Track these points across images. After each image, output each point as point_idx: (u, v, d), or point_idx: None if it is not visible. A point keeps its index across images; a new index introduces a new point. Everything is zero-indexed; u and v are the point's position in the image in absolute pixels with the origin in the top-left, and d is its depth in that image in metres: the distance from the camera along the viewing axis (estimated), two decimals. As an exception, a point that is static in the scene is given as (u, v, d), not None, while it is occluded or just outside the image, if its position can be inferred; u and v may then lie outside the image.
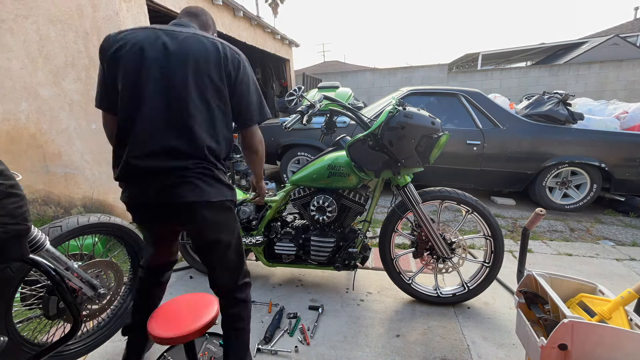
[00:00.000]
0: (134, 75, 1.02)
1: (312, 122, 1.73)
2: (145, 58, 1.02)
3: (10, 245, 0.90)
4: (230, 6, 4.67)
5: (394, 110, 1.54)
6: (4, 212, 0.85)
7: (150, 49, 1.02)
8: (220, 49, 1.09)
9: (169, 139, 1.03)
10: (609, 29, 16.99)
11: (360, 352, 1.57)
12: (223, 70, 1.08)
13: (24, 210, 0.91)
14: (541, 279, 1.22)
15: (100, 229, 1.45)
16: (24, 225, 0.91)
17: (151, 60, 1.02)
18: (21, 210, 0.90)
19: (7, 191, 0.87)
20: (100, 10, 2.65)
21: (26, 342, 1.24)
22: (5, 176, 0.88)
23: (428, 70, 9.98)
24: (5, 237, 0.87)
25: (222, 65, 1.07)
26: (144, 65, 1.01)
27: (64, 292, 1.09)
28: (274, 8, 20.22)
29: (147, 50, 1.02)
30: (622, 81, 8.99)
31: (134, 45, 1.02)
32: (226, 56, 1.09)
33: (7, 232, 0.87)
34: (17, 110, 3.09)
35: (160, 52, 1.03)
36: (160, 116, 1.03)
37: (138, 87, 1.02)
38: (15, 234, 0.89)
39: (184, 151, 1.04)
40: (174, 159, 1.03)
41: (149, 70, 1.01)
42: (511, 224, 3.18)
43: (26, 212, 0.92)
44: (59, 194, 3.31)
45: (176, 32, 1.07)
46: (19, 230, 0.90)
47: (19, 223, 0.89)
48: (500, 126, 3.42)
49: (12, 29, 2.87)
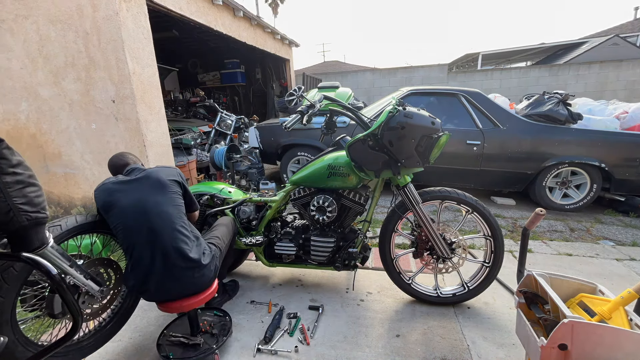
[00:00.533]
0: None
1: (312, 122, 1.73)
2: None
3: (32, 233, 0.94)
4: (230, 6, 4.67)
5: (394, 110, 1.54)
6: (26, 200, 0.89)
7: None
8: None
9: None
10: (609, 29, 16.99)
11: (360, 352, 1.57)
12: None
13: (42, 200, 0.95)
14: (541, 279, 1.22)
15: (99, 228, 1.45)
16: (44, 213, 0.95)
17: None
18: (40, 199, 0.94)
19: (28, 181, 0.91)
20: (100, 10, 2.65)
21: (29, 342, 1.24)
22: (24, 166, 0.92)
23: (428, 70, 9.98)
24: (26, 224, 0.90)
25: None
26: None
27: (64, 290, 1.09)
28: (274, 8, 20.21)
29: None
30: (622, 81, 8.99)
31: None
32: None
33: (29, 220, 0.90)
34: (17, 110, 3.09)
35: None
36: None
37: None
38: (36, 222, 0.93)
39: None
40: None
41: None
42: (511, 224, 3.18)
43: (44, 202, 0.96)
44: (59, 194, 3.31)
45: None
46: (40, 218, 0.93)
47: (39, 212, 0.93)
48: (500, 126, 3.42)
49: (12, 29, 2.87)
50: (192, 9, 3.68)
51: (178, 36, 6.23)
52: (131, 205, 1.35)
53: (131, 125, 2.89)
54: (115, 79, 2.80)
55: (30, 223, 0.90)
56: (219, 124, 5.39)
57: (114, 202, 1.35)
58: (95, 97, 2.89)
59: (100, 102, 2.89)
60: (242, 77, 8.66)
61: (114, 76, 2.79)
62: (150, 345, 1.66)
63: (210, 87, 9.06)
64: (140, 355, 1.60)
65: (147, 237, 1.33)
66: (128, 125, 2.89)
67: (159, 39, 4.44)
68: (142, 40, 2.91)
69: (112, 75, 2.79)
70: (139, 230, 1.33)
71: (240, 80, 8.59)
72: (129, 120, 2.88)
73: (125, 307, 1.62)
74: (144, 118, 2.90)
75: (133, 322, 1.80)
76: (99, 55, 2.77)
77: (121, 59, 2.74)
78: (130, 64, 2.76)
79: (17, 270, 1.15)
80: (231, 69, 8.43)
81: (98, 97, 2.88)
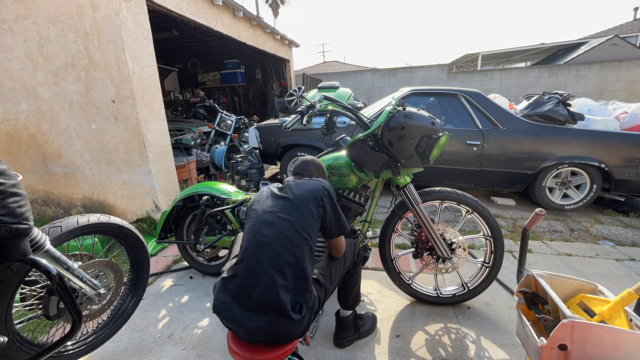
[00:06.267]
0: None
1: (312, 123, 1.73)
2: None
3: (12, 244, 0.89)
4: (230, 6, 4.67)
5: (393, 111, 1.54)
6: (5, 212, 0.85)
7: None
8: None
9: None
10: (609, 29, 17.00)
11: (360, 352, 1.57)
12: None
13: (26, 210, 0.91)
14: (541, 279, 1.22)
15: (99, 229, 1.45)
16: (26, 224, 0.91)
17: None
18: (23, 209, 0.90)
19: (9, 190, 0.87)
20: (100, 10, 2.65)
21: (26, 342, 1.24)
22: (7, 175, 0.88)
23: (428, 71, 9.98)
24: (7, 236, 0.86)
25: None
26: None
27: (63, 292, 1.09)
28: (274, 8, 20.23)
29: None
30: (622, 81, 8.99)
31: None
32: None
33: (9, 231, 0.86)
34: (17, 110, 3.09)
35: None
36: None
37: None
38: (17, 234, 0.89)
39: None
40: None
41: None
42: (511, 224, 3.18)
43: (28, 212, 0.92)
44: (58, 194, 3.31)
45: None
46: (21, 229, 0.89)
47: (20, 222, 0.89)
48: (500, 126, 3.42)
49: (12, 30, 2.87)
50: (192, 9, 3.68)
51: (178, 36, 6.22)
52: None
53: (131, 126, 2.89)
54: (115, 79, 2.80)
55: (11, 234, 0.87)
56: (218, 124, 5.39)
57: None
58: (95, 98, 2.89)
59: (100, 103, 2.89)
60: (242, 78, 8.66)
61: (114, 76, 2.79)
62: (150, 346, 1.66)
63: (210, 87, 9.06)
64: (140, 355, 1.60)
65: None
66: (128, 125, 2.89)
67: (159, 39, 4.44)
68: (142, 40, 2.91)
69: (112, 75, 2.79)
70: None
71: (240, 81, 8.59)
72: (128, 120, 2.88)
73: (125, 307, 1.62)
74: (143, 118, 2.90)
75: (133, 322, 1.80)
76: (99, 56, 2.77)
77: (121, 59, 2.74)
78: (130, 64, 2.76)
79: (13, 271, 1.15)
80: (231, 69, 8.43)
81: (98, 97, 2.88)
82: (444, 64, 10.01)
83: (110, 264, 1.47)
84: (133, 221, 3.14)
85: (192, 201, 2.19)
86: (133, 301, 1.65)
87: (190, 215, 2.27)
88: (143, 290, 1.70)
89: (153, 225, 3.02)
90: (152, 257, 2.58)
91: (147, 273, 1.69)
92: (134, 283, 1.66)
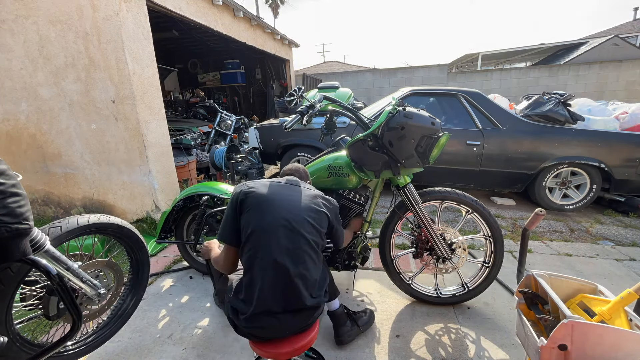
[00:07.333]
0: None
1: (312, 123, 1.73)
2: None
3: (12, 244, 0.89)
4: (230, 6, 4.67)
5: (393, 111, 1.54)
6: (5, 212, 0.85)
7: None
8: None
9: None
10: (609, 29, 17.01)
11: (360, 352, 1.57)
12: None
13: (26, 210, 0.91)
14: (541, 279, 1.22)
15: (99, 229, 1.45)
16: (26, 224, 0.91)
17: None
18: (23, 209, 0.90)
19: (9, 190, 0.87)
20: (100, 10, 2.65)
21: (26, 342, 1.24)
22: (7, 175, 0.88)
23: (428, 71, 9.98)
24: (7, 236, 0.86)
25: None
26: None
27: (63, 292, 1.09)
28: (274, 8, 20.23)
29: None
30: (622, 81, 8.99)
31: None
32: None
33: (9, 231, 0.86)
34: (17, 110, 3.09)
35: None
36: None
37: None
38: (17, 234, 0.89)
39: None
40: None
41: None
42: (511, 225, 3.18)
43: (27, 212, 0.92)
44: (58, 194, 3.31)
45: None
46: (21, 229, 0.89)
47: (20, 222, 0.89)
48: (500, 126, 3.42)
49: (12, 30, 2.87)
50: (192, 10, 3.68)
51: (178, 36, 6.22)
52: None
53: (131, 126, 2.89)
54: (115, 80, 2.80)
55: (11, 234, 0.87)
56: (218, 124, 5.39)
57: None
58: (95, 98, 2.89)
59: (100, 103, 2.89)
60: (242, 78, 8.66)
61: (114, 76, 2.79)
62: (150, 346, 1.66)
63: (210, 87, 9.06)
64: (140, 355, 1.60)
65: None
66: (128, 125, 2.89)
67: (159, 39, 4.44)
68: (142, 40, 2.91)
69: (112, 75, 2.79)
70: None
71: (240, 81, 8.59)
72: (128, 120, 2.88)
73: (125, 307, 1.62)
74: (143, 118, 2.90)
75: (133, 322, 1.80)
76: (99, 56, 2.77)
77: (121, 59, 2.74)
78: (130, 64, 2.76)
79: (13, 271, 1.15)
80: (231, 69, 8.43)
81: (98, 97, 2.88)
82: (443, 64, 10.01)
83: (110, 264, 1.47)
84: (133, 221, 3.14)
85: (192, 201, 2.19)
86: (133, 301, 1.65)
87: (190, 216, 2.27)
88: (143, 291, 1.70)
89: (153, 225, 3.02)
90: (152, 257, 2.58)
91: (147, 273, 1.69)
92: (134, 283, 1.66)
